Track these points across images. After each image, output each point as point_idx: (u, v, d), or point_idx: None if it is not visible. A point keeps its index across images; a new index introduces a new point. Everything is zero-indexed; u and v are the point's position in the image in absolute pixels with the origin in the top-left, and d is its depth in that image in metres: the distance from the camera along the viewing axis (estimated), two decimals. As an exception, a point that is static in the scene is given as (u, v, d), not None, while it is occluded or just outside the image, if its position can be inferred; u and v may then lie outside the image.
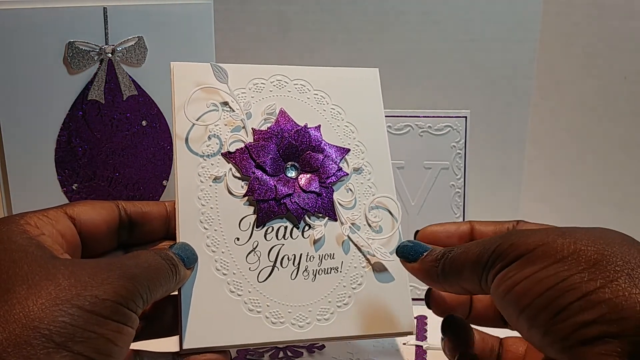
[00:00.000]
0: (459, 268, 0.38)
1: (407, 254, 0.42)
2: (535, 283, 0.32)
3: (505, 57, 0.73)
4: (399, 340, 0.58)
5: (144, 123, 0.60)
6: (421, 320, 0.60)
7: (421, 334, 0.59)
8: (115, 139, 0.59)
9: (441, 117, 0.65)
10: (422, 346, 0.57)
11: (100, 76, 0.57)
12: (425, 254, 0.41)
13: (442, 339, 0.44)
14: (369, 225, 0.47)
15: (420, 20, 0.72)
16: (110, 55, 0.57)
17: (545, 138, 0.75)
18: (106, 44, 0.57)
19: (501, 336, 0.45)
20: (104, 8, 0.56)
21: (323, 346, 0.56)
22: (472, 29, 0.72)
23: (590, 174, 0.73)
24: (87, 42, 0.56)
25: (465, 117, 0.65)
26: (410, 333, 0.45)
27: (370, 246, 0.46)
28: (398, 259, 0.43)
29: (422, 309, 0.56)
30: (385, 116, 0.51)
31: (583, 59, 0.71)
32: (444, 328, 0.44)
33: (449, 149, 0.65)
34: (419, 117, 0.64)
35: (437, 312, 0.45)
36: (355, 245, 0.46)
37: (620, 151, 0.70)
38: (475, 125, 0.67)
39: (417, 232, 0.46)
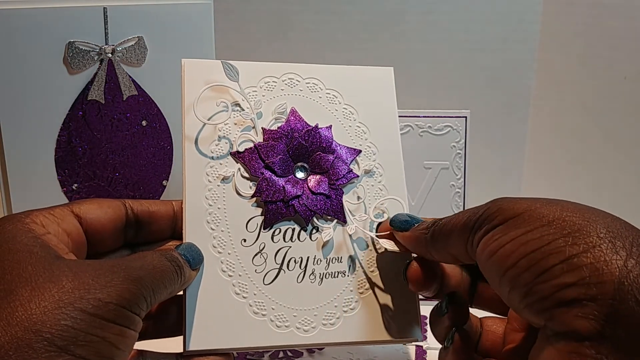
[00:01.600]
0: (447, 233, 0.39)
1: (401, 224, 0.44)
2: (519, 245, 0.33)
3: (505, 57, 0.73)
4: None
5: (144, 123, 0.60)
6: (421, 320, 0.60)
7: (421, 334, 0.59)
8: (115, 139, 0.59)
9: (441, 117, 0.65)
10: (422, 346, 0.57)
11: (100, 76, 0.57)
12: (417, 224, 0.43)
13: (442, 314, 0.43)
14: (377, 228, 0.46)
15: (420, 20, 0.71)
16: (110, 55, 0.57)
17: (545, 138, 0.75)
18: (106, 44, 0.56)
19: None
20: (104, 8, 0.55)
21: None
22: (472, 29, 0.72)
23: (590, 174, 0.73)
24: (87, 42, 0.56)
25: (465, 117, 0.65)
26: (417, 340, 0.45)
27: (378, 243, 0.45)
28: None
29: (422, 309, 0.56)
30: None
31: (583, 59, 0.71)
32: (450, 301, 0.43)
33: (449, 149, 0.65)
34: (419, 117, 0.64)
35: (413, 287, 0.44)
36: (363, 248, 0.46)
37: (620, 151, 0.70)
38: (475, 125, 0.67)
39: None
